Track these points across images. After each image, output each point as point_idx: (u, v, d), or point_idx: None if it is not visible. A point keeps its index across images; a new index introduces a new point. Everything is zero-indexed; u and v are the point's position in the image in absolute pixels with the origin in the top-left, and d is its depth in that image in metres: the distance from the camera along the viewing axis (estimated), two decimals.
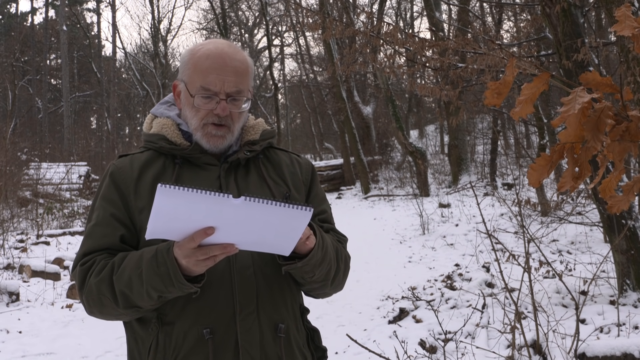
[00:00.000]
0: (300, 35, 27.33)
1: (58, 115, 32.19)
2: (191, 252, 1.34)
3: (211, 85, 1.54)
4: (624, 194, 1.21)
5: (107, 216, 1.54)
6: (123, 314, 1.49)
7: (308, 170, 1.74)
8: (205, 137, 1.57)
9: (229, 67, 1.55)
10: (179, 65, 1.67)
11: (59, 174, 16.93)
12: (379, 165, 19.75)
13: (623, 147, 1.10)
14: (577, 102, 1.06)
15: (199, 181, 1.56)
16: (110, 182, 1.58)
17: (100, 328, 5.53)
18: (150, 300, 1.43)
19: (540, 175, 1.16)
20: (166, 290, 1.40)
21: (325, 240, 1.54)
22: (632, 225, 5.22)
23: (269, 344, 1.52)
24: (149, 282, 1.40)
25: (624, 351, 3.88)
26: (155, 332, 1.50)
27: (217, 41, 1.62)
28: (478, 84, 7.19)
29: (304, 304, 1.68)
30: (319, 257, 1.50)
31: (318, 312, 5.89)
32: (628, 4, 1.15)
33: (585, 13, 5.67)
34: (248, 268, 1.51)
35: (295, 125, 37.09)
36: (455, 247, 8.98)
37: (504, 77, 1.17)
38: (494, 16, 13.82)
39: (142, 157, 1.61)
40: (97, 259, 1.50)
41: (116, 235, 1.52)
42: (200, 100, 1.55)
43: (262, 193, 1.59)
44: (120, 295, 1.44)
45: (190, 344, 1.48)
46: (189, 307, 1.48)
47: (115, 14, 30.35)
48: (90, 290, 1.48)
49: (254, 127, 1.69)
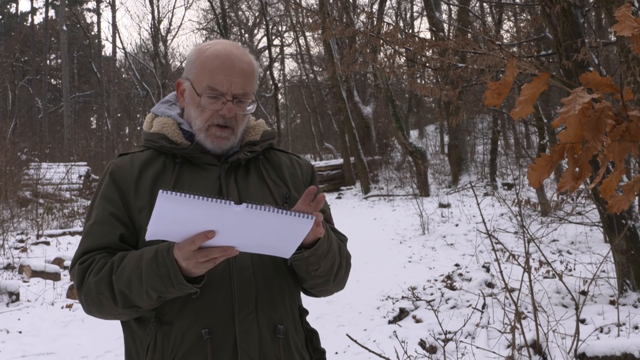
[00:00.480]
0: (300, 35, 27.35)
1: (58, 115, 32.19)
2: (191, 255, 1.34)
3: (219, 86, 1.54)
4: (624, 194, 1.22)
5: (106, 215, 1.53)
6: (122, 313, 1.48)
7: (308, 172, 1.74)
8: (209, 139, 1.57)
9: (237, 68, 1.55)
10: (184, 63, 1.67)
11: (59, 174, 16.93)
12: (379, 165, 19.74)
13: (623, 147, 1.10)
14: (577, 102, 1.06)
15: (198, 181, 1.55)
16: (110, 181, 1.57)
17: (100, 328, 5.52)
18: (150, 300, 1.43)
19: (541, 175, 1.16)
20: (166, 290, 1.40)
21: (330, 233, 1.54)
22: (632, 225, 5.22)
23: (268, 345, 1.51)
24: (149, 282, 1.40)
25: (624, 351, 3.87)
26: (153, 332, 1.50)
27: (225, 42, 1.62)
28: (478, 84, 7.18)
29: (303, 306, 1.68)
30: (324, 247, 1.49)
31: (318, 312, 5.89)
32: (628, 4, 1.15)
33: (585, 13, 5.67)
34: (247, 269, 1.51)
35: (295, 125, 37.07)
36: (455, 247, 8.98)
37: (504, 78, 1.17)
38: (494, 16, 13.81)
39: (142, 156, 1.60)
40: (96, 258, 1.49)
41: (115, 234, 1.52)
42: (206, 100, 1.55)
43: (262, 194, 1.59)
44: (120, 295, 1.44)
45: (188, 344, 1.47)
46: (187, 307, 1.48)
47: (115, 14, 30.39)
48: (89, 290, 1.47)
49: (254, 127, 1.68)
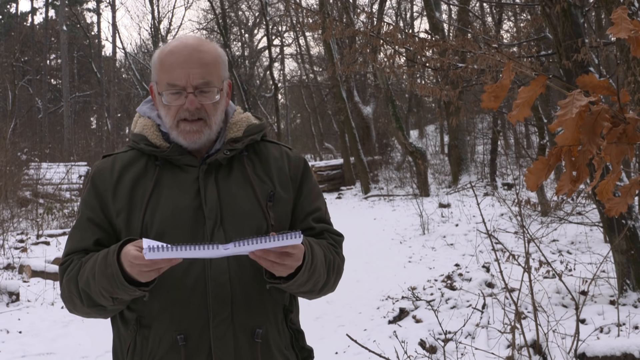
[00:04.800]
0: (300, 35, 27.33)
1: (58, 115, 32.18)
2: (135, 264, 1.35)
3: (177, 80, 1.51)
4: (622, 196, 1.22)
5: (84, 220, 1.57)
6: (90, 312, 1.52)
7: (298, 165, 1.67)
8: (181, 135, 1.55)
9: (194, 59, 1.52)
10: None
11: (59, 174, 16.92)
12: (379, 165, 19.74)
13: (620, 149, 1.11)
14: (574, 105, 1.06)
15: (178, 183, 1.55)
16: (91, 186, 1.60)
17: (100, 328, 5.51)
18: (107, 300, 1.45)
19: (538, 178, 1.16)
20: (114, 291, 1.42)
21: (315, 259, 1.50)
22: (632, 225, 5.22)
23: (244, 351, 1.50)
24: (100, 282, 1.43)
25: (624, 351, 3.88)
26: (133, 334, 1.52)
27: (183, 37, 1.61)
28: (478, 84, 7.18)
29: (292, 305, 1.64)
30: (304, 278, 1.47)
31: (318, 312, 5.90)
32: (624, 6, 1.15)
33: (585, 13, 5.67)
34: (223, 274, 1.49)
35: (295, 125, 37.06)
36: (455, 247, 8.98)
37: (501, 81, 1.17)
38: (494, 16, 13.82)
39: (125, 156, 1.62)
40: (75, 259, 1.54)
41: (92, 239, 1.56)
42: (169, 97, 1.53)
43: (245, 192, 1.56)
44: (83, 294, 1.48)
45: (165, 349, 1.48)
46: (164, 311, 1.49)
47: (115, 14, 30.39)
48: (64, 289, 1.54)
49: (237, 123, 1.64)
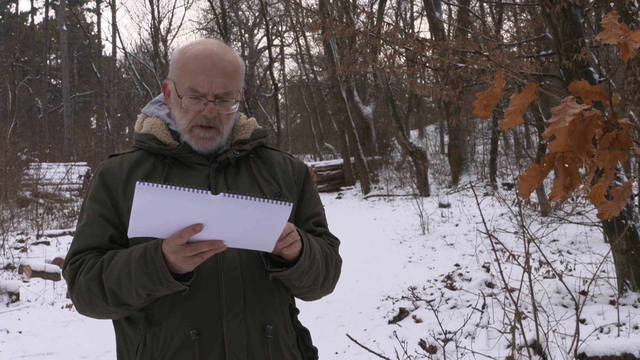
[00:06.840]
0: (300, 35, 27.33)
1: (58, 115, 32.20)
2: (179, 249, 1.34)
3: (199, 87, 1.52)
4: (615, 200, 1.21)
5: (96, 216, 1.55)
6: (113, 312, 1.50)
7: (301, 170, 1.72)
8: (193, 140, 1.57)
9: (218, 68, 1.53)
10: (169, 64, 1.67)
11: (59, 174, 16.94)
12: (379, 165, 19.74)
13: (613, 154, 1.10)
14: (567, 113, 1.06)
15: (187, 181, 1.55)
16: (100, 183, 1.58)
17: (100, 328, 5.52)
18: (139, 298, 1.44)
19: (531, 186, 1.16)
20: (154, 288, 1.41)
21: (312, 248, 1.53)
22: (632, 225, 5.22)
23: (256, 346, 1.51)
24: (138, 280, 1.40)
25: (624, 351, 3.88)
26: (142, 332, 1.51)
27: (207, 41, 1.61)
28: (478, 84, 7.18)
29: (295, 305, 1.67)
30: (306, 265, 1.50)
31: (318, 312, 5.90)
32: (614, 11, 1.15)
33: (585, 13, 5.67)
34: (235, 269, 1.51)
35: (295, 125, 37.07)
36: (455, 247, 8.98)
37: (492, 89, 1.16)
38: (494, 16, 13.82)
39: (132, 157, 1.61)
40: (87, 258, 1.51)
41: (105, 235, 1.53)
42: (188, 101, 1.54)
43: (253, 192, 1.58)
44: (110, 294, 1.45)
45: (177, 345, 1.48)
46: (176, 308, 1.48)
47: (115, 14, 30.40)
48: (80, 289, 1.49)
49: (244, 126, 1.67)
